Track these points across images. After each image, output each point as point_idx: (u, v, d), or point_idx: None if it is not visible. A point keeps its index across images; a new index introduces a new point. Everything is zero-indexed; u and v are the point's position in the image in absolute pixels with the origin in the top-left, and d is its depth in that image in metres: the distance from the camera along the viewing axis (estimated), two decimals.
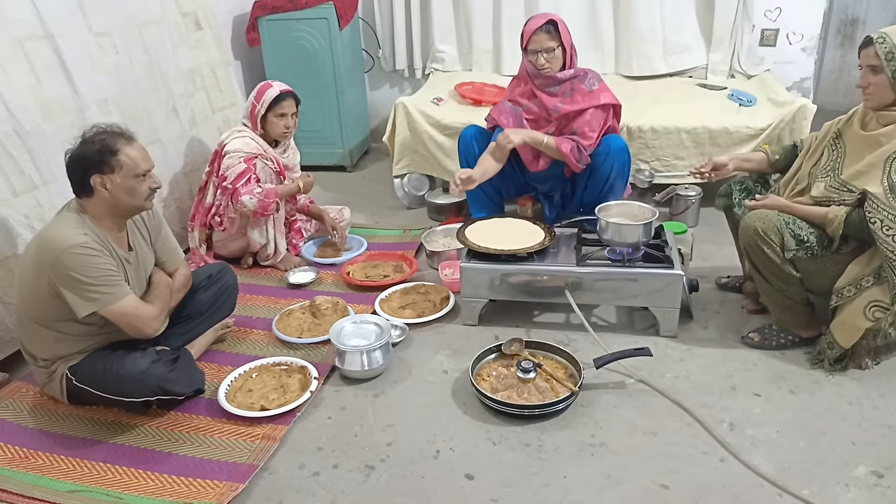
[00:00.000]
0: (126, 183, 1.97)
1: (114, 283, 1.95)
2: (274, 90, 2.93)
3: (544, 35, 2.72)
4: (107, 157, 1.93)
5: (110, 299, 1.95)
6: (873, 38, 2.03)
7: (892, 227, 1.98)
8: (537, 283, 2.48)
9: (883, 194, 1.99)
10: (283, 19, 3.94)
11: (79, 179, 1.96)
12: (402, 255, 3.12)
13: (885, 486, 1.79)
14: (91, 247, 1.91)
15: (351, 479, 1.90)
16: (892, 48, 1.99)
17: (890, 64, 1.99)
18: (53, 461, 1.98)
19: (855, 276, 2.11)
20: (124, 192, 1.98)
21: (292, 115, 2.98)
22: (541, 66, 2.77)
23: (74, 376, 2.06)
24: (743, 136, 3.28)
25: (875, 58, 2.02)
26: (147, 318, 2.04)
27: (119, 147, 1.95)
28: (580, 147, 2.79)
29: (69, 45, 2.64)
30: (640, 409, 2.11)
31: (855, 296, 2.11)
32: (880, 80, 2.03)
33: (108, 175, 1.94)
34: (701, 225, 3.33)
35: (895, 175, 1.99)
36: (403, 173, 3.70)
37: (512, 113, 2.91)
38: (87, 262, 1.90)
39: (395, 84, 4.69)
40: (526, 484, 1.85)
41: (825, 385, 2.18)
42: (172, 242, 2.32)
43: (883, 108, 2.08)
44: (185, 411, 2.16)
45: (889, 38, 1.99)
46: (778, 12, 3.96)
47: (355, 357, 2.27)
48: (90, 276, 1.90)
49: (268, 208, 2.88)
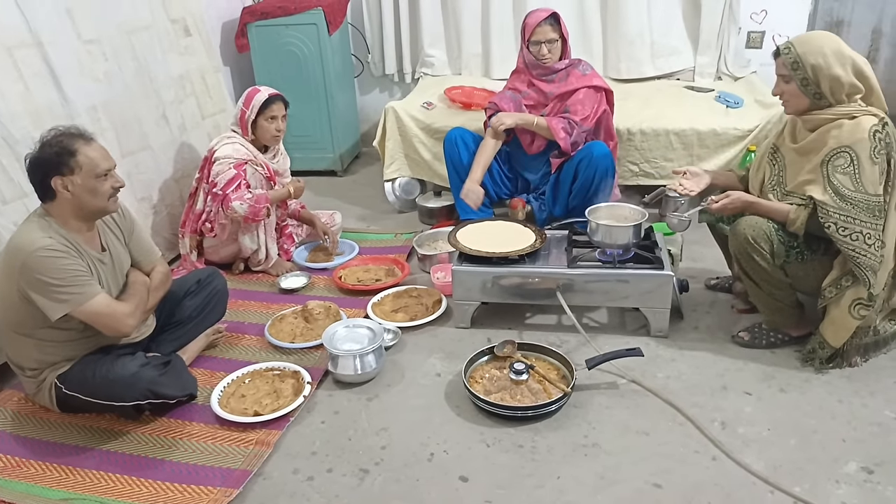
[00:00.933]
0: (87, 183, 1.95)
1: (82, 283, 1.94)
2: (263, 94, 2.93)
3: (548, 27, 2.91)
4: (65, 158, 1.92)
5: (81, 299, 1.93)
6: (780, 49, 2.12)
7: (847, 227, 2.02)
8: (529, 285, 2.49)
9: (829, 199, 2.04)
10: (272, 25, 3.94)
11: (39, 183, 1.95)
12: (393, 259, 3.13)
13: (875, 482, 1.81)
14: (55, 248, 1.90)
15: (345, 483, 1.90)
16: (796, 58, 2.07)
17: (797, 73, 2.07)
18: (46, 469, 1.97)
19: (835, 278, 2.14)
20: (86, 193, 1.96)
21: (282, 117, 2.99)
22: (542, 57, 2.95)
23: (64, 384, 2.05)
24: (730, 137, 3.30)
25: (783, 67, 2.11)
26: (121, 315, 2.02)
27: (77, 147, 1.93)
28: (571, 122, 2.90)
29: (58, 53, 2.63)
30: (632, 410, 2.12)
31: (837, 296, 2.13)
32: (791, 88, 2.12)
33: (68, 176, 1.93)
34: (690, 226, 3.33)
35: (834, 178, 2.04)
36: (394, 177, 3.71)
37: (512, 99, 3.08)
38: (53, 265, 1.89)
39: (384, 89, 4.69)
40: (520, 485, 1.86)
41: (815, 383, 2.20)
42: (147, 241, 2.31)
43: (801, 113, 2.15)
44: (177, 417, 2.16)
45: (793, 49, 2.08)
46: (764, 15, 3.99)
47: (348, 361, 2.27)
48: (57, 278, 1.89)
49: (258, 214, 2.88)
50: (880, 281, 2.08)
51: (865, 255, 2.02)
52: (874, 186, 2.01)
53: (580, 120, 2.91)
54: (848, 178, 2.02)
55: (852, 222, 2.02)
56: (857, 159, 2.01)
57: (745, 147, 3.26)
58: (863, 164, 2.01)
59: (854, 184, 2.02)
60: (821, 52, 2.04)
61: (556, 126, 2.90)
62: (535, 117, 2.96)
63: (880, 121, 2.04)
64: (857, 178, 2.01)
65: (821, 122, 2.11)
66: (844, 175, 2.02)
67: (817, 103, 2.10)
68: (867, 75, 2.06)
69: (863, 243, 2.01)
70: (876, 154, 2.01)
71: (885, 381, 2.19)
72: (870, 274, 2.04)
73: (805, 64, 2.05)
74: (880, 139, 2.01)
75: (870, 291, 2.06)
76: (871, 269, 2.03)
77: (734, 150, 3.31)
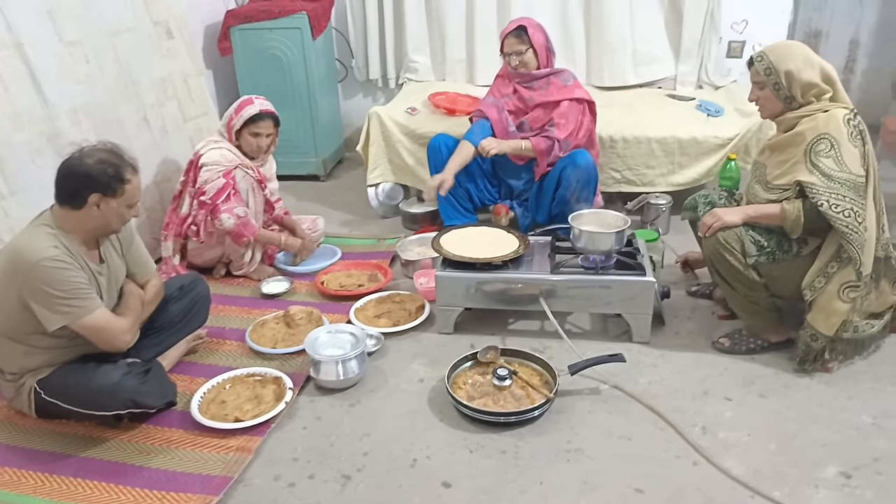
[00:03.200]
0: (120, 209, 1.99)
1: (85, 297, 1.93)
2: (254, 108, 2.91)
3: (514, 39, 2.99)
4: (115, 183, 1.95)
5: (81, 312, 1.92)
6: (754, 58, 2.24)
7: (839, 203, 2.08)
8: (512, 291, 2.49)
9: (817, 179, 2.10)
10: (255, 28, 3.92)
11: (75, 191, 1.93)
12: (376, 265, 3.12)
13: (853, 486, 1.83)
14: (62, 260, 1.89)
15: (327, 489, 1.88)
16: (768, 64, 2.19)
17: (770, 78, 2.19)
18: (22, 476, 1.94)
19: (820, 268, 2.17)
20: (114, 217, 2.00)
21: (267, 135, 2.96)
22: (514, 67, 3.04)
23: (44, 390, 2.02)
24: (711, 145, 3.34)
25: (757, 75, 2.23)
26: (119, 330, 2.02)
27: (129, 177, 1.98)
28: (555, 141, 2.95)
29: (38, 54, 2.60)
30: (614, 415, 2.13)
31: (826, 285, 2.16)
32: (765, 93, 2.24)
33: (108, 198, 1.95)
34: (672, 233, 3.37)
35: (819, 162, 2.11)
36: (377, 182, 3.70)
37: (494, 105, 3.12)
38: (59, 276, 1.88)
39: (368, 94, 4.69)
40: (503, 491, 1.86)
41: (795, 389, 2.22)
42: (144, 254, 2.30)
43: (775, 116, 2.29)
44: (157, 424, 2.13)
45: (766, 56, 2.20)
46: (744, 25, 4.04)
47: (330, 367, 2.26)
48: (61, 290, 1.88)
49: (241, 238, 2.90)
50: (867, 262, 2.12)
51: (857, 232, 2.07)
52: (856, 167, 2.10)
53: (566, 136, 2.95)
54: (831, 160, 2.10)
55: (843, 199, 2.08)
56: (836, 143, 2.10)
57: (725, 155, 3.29)
58: (843, 146, 2.10)
59: (838, 164, 2.09)
60: (792, 58, 2.17)
61: (541, 146, 2.96)
62: (521, 143, 3.00)
63: (850, 111, 2.16)
64: (840, 159, 2.10)
65: (795, 120, 2.21)
66: (828, 158, 2.10)
67: (789, 106, 2.21)
68: (834, 79, 2.20)
69: (854, 220, 2.07)
70: (853, 138, 2.11)
71: (862, 385, 2.22)
72: (860, 251, 2.08)
73: (778, 70, 2.17)
74: (854, 126, 2.14)
75: (859, 270, 2.10)
76: (861, 247, 2.09)
77: (715, 158, 3.34)
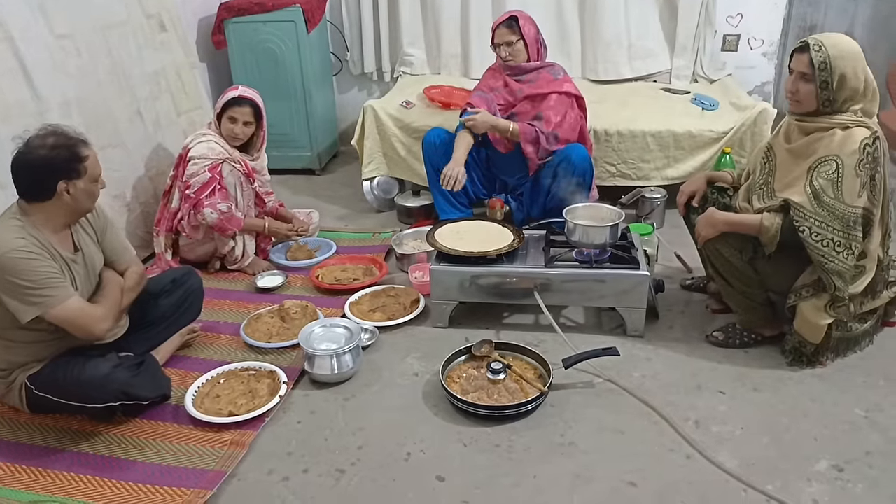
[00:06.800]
0: (88, 187, 1.97)
1: (56, 286, 1.91)
2: (233, 93, 2.90)
3: (505, 29, 2.99)
4: (75, 163, 1.92)
5: (53, 302, 1.90)
6: (809, 45, 2.03)
7: (820, 232, 2.04)
8: (506, 284, 2.49)
9: (807, 201, 2.04)
10: (249, 21, 3.90)
11: (40, 183, 1.92)
12: (371, 259, 3.11)
13: (845, 479, 1.84)
14: (29, 250, 1.87)
15: (321, 483, 1.89)
16: (826, 58, 1.99)
17: (821, 74, 2.01)
18: (15, 471, 1.93)
19: (815, 280, 2.15)
20: (85, 196, 1.97)
21: (245, 123, 2.92)
22: (504, 58, 3.03)
23: (34, 385, 2.00)
24: (706, 139, 3.34)
25: (808, 66, 2.03)
26: (94, 318, 1.99)
27: (86, 153, 1.95)
28: (538, 132, 2.93)
29: (30, 48, 2.58)
30: (608, 409, 2.14)
31: (813, 296, 2.16)
32: (809, 89, 2.05)
33: (74, 181, 1.93)
34: (666, 226, 3.38)
35: (816, 182, 2.04)
36: (372, 176, 3.69)
37: (484, 98, 3.11)
38: (27, 266, 1.86)
39: (363, 87, 4.67)
40: (497, 485, 1.86)
41: (788, 383, 2.23)
42: (121, 240, 2.28)
43: (806, 114, 2.12)
44: (150, 418, 2.13)
45: (824, 48, 2.00)
46: (739, 18, 4.04)
47: (325, 361, 2.26)
48: (30, 280, 1.86)
49: (226, 230, 2.89)
50: (845, 287, 2.09)
51: (833, 262, 2.05)
52: (852, 197, 2.03)
53: (553, 127, 2.93)
54: (830, 184, 2.03)
55: (825, 228, 2.04)
56: (842, 168, 2.01)
57: (720, 149, 3.30)
58: (846, 174, 2.02)
59: (834, 191, 2.03)
60: (852, 60, 1.99)
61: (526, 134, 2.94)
62: (510, 124, 2.96)
63: (872, 134, 2.03)
64: (838, 187, 2.02)
65: (815, 128, 2.10)
66: (827, 181, 2.03)
67: (822, 109, 2.07)
68: (873, 92, 2.05)
69: (832, 250, 2.04)
70: (861, 167, 2.02)
71: (855, 379, 2.23)
72: (835, 278, 2.06)
73: (834, 69, 1.99)
74: (869, 153, 2.02)
75: (835, 294, 2.09)
76: (838, 274, 2.06)
77: (710, 152, 3.35)
